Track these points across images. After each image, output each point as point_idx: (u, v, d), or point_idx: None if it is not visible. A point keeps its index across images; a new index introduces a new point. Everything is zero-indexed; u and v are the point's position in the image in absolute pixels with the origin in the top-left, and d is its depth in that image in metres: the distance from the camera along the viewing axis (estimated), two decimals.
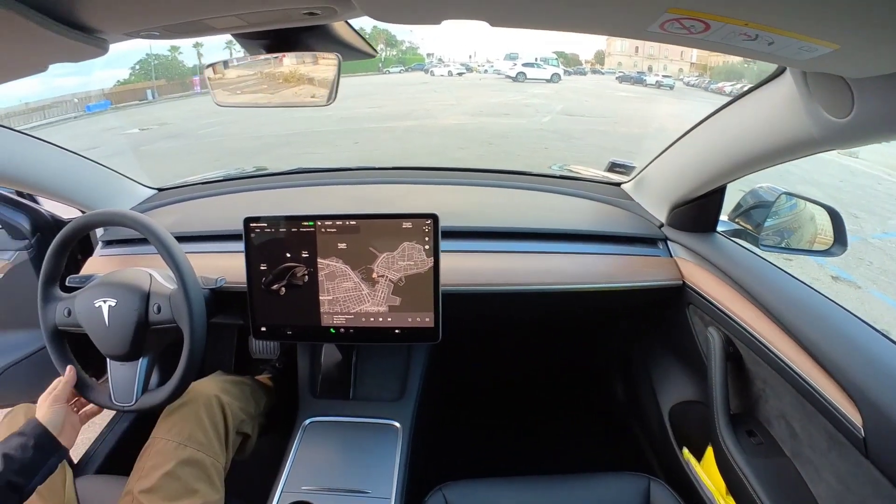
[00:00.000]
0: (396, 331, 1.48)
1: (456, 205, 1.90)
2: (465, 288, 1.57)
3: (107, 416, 2.02)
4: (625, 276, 1.65)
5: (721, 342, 1.47)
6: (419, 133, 13.41)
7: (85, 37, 0.70)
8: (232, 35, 0.93)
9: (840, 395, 1.08)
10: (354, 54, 1.07)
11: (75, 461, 1.60)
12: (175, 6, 0.68)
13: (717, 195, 1.60)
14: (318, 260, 1.46)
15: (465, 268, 1.60)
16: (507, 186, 2.09)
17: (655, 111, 19.93)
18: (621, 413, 2.27)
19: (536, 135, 13.39)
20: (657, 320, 1.92)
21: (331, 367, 1.77)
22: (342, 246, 1.44)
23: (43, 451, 1.20)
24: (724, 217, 1.70)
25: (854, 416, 1.04)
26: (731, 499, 1.34)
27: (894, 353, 1.11)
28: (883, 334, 1.17)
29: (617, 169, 2.12)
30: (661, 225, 1.80)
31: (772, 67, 1.07)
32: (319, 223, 1.44)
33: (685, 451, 1.62)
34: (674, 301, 1.71)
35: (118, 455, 1.86)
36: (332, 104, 1.05)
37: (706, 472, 1.48)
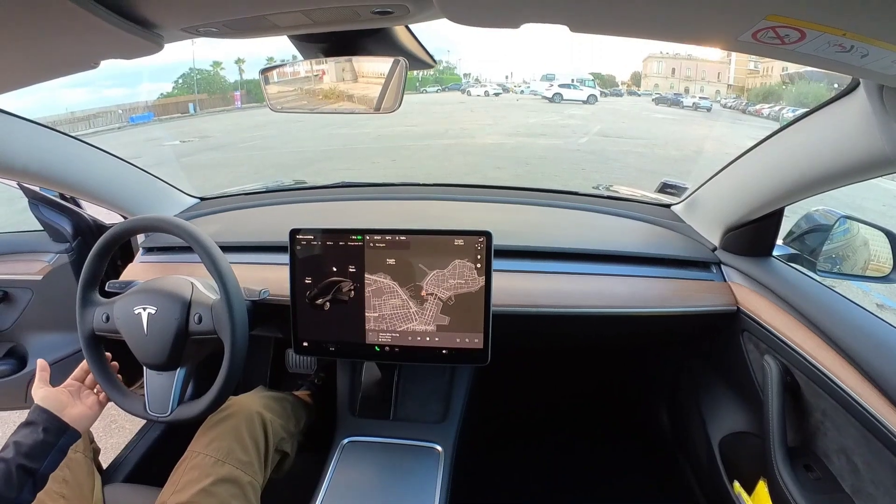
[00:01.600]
0: (444, 351, 1.43)
1: (504, 223, 1.84)
2: (516, 309, 1.51)
3: (137, 423, 2.04)
4: (677, 301, 1.59)
5: (779, 371, 1.39)
6: (456, 152, 13.48)
7: (142, 31, 0.68)
8: (290, 38, 0.90)
9: None
10: (414, 63, 1.04)
11: (104, 467, 1.57)
12: (235, 1, 0.65)
13: (774, 218, 1.54)
14: (366, 275, 1.42)
15: (515, 288, 1.55)
16: (554, 206, 2.05)
17: (693, 133, 19.83)
18: (667, 442, 2.18)
19: (573, 156, 13.40)
20: (709, 347, 1.85)
21: (371, 386, 1.73)
22: (391, 262, 1.40)
23: (49, 433, 1.19)
24: (779, 241, 1.64)
25: None
26: None
27: None
28: None
29: (668, 190, 2.06)
30: (715, 248, 1.73)
31: (824, 87, 1.02)
32: (368, 237, 1.41)
33: (736, 484, 1.54)
34: (727, 327, 1.64)
35: (148, 465, 1.84)
36: (396, 109, 1.02)
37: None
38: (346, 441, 1.56)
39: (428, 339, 1.42)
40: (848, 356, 1.21)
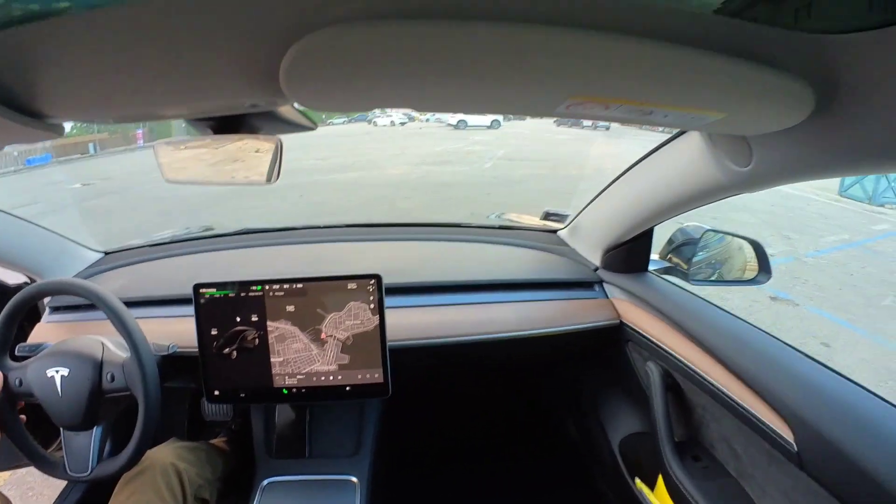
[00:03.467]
0: (347, 388, 1.51)
1: (399, 261, 1.95)
2: (411, 342, 1.61)
3: (55, 487, 1.99)
4: (563, 321, 1.74)
5: (660, 375, 1.57)
6: (365, 184, 13.50)
7: (41, 124, 0.73)
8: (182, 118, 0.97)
9: (772, 415, 1.19)
10: (296, 129, 1.13)
11: None
12: (126, 102, 0.73)
13: (645, 238, 1.73)
14: (268, 323, 1.49)
15: (410, 323, 1.65)
16: (448, 240, 2.17)
17: (593, 152, 20.47)
18: (576, 450, 2.32)
19: (480, 181, 13.64)
20: (600, 359, 2.01)
21: (285, 427, 1.78)
22: (290, 308, 1.48)
23: None
24: (656, 256, 1.81)
25: (787, 433, 1.14)
26: None
27: (817, 371, 1.23)
28: (805, 354, 1.29)
29: (552, 217, 2.22)
30: (597, 268, 1.91)
31: None
32: (268, 287, 1.48)
33: (637, 481, 1.69)
34: (613, 340, 1.81)
35: None
36: (273, 183, 1.10)
37: (659, 499, 1.55)
38: (265, 482, 1.61)
39: (331, 378, 1.50)
40: (715, 355, 1.38)
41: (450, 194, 11.96)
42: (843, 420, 1.08)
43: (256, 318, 1.49)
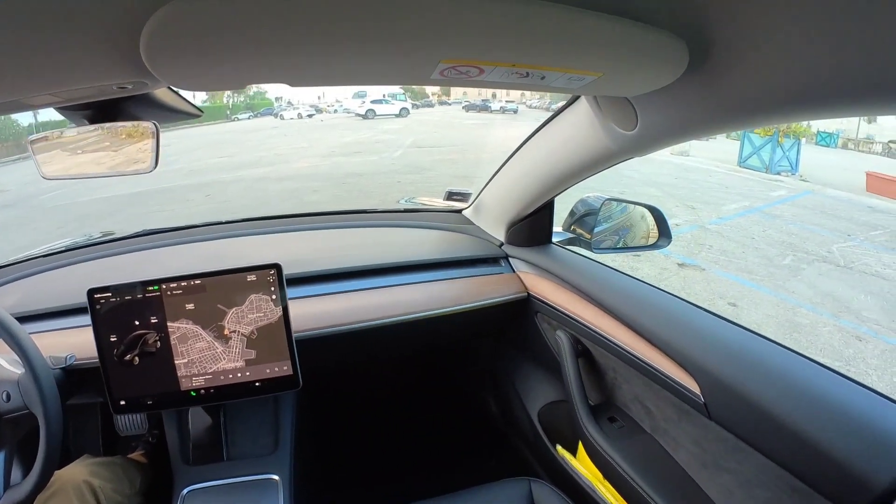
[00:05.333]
0: (257, 384, 1.46)
1: (303, 251, 1.92)
2: (318, 331, 1.58)
3: None
4: (471, 297, 1.75)
5: (569, 342, 1.62)
6: (272, 179, 13.25)
7: None
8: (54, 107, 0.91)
9: (678, 371, 1.25)
10: (179, 116, 1.08)
11: None
12: None
13: (546, 210, 1.77)
14: (168, 324, 1.42)
15: (315, 312, 1.62)
16: (354, 226, 2.14)
17: (501, 135, 20.79)
18: (498, 424, 2.35)
19: (389, 169, 13.68)
20: (513, 333, 2.05)
21: (200, 432, 1.71)
22: (190, 306, 1.42)
23: None
24: (559, 228, 1.86)
25: (693, 386, 1.21)
26: (608, 483, 1.46)
27: (716, 324, 1.31)
28: (704, 309, 1.37)
29: (455, 197, 2.22)
30: (502, 244, 1.94)
31: None
32: (165, 286, 1.41)
33: (559, 448, 1.73)
34: (522, 312, 1.85)
35: None
36: (157, 168, 1.05)
37: (581, 464, 1.60)
38: (185, 491, 1.55)
39: (239, 374, 1.45)
40: (620, 318, 1.44)
41: (360, 184, 11.94)
42: (743, 367, 1.15)
43: (156, 320, 1.41)
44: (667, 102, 0.92)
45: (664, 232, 1.71)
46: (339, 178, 12.75)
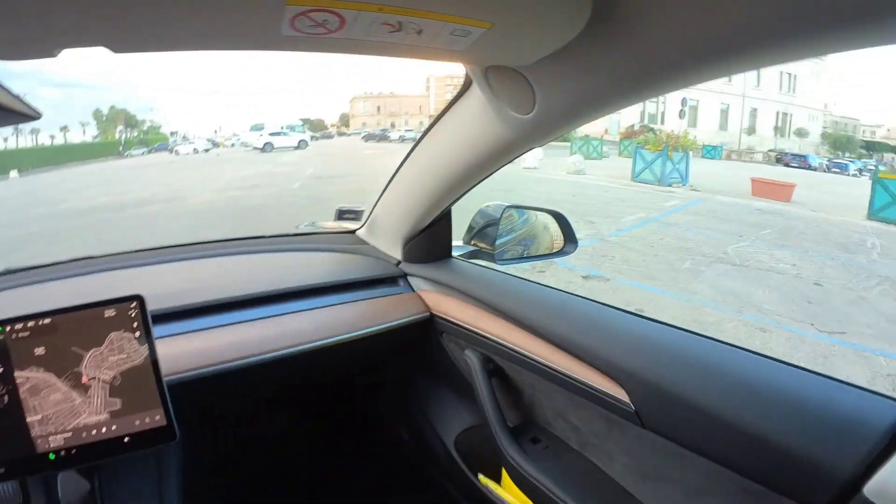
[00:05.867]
0: (126, 439, 1.22)
1: (180, 282, 1.70)
2: (197, 372, 1.36)
3: None
4: (368, 322, 1.59)
5: (480, 362, 1.49)
6: (166, 216, 12.72)
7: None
8: None
9: (603, 379, 1.15)
10: (14, 117, 0.91)
11: None
12: None
13: (444, 222, 1.65)
14: (16, 373, 1.18)
15: (193, 349, 1.40)
16: (239, 253, 1.94)
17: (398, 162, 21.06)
18: (414, 457, 2.17)
19: (289, 202, 13.48)
20: (419, 357, 1.89)
21: (73, 500, 1.49)
22: (40, 351, 1.18)
23: None
24: (460, 242, 1.74)
25: (620, 394, 1.11)
26: None
27: (636, 324, 1.22)
28: (620, 309, 1.28)
29: (347, 216, 2.07)
30: (399, 262, 1.79)
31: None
32: (9, 328, 1.18)
33: (481, 477, 1.57)
34: (427, 334, 1.70)
35: None
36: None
37: (508, 491, 1.45)
38: None
39: (104, 429, 1.22)
40: (533, 330, 1.32)
41: (259, 218, 11.70)
42: (673, 367, 1.07)
43: (1, 370, 1.18)
44: (566, 74, 0.85)
45: (570, 237, 1.66)
46: (238, 212, 12.46)
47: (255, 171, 21.46)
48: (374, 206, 1.84)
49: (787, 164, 35.34)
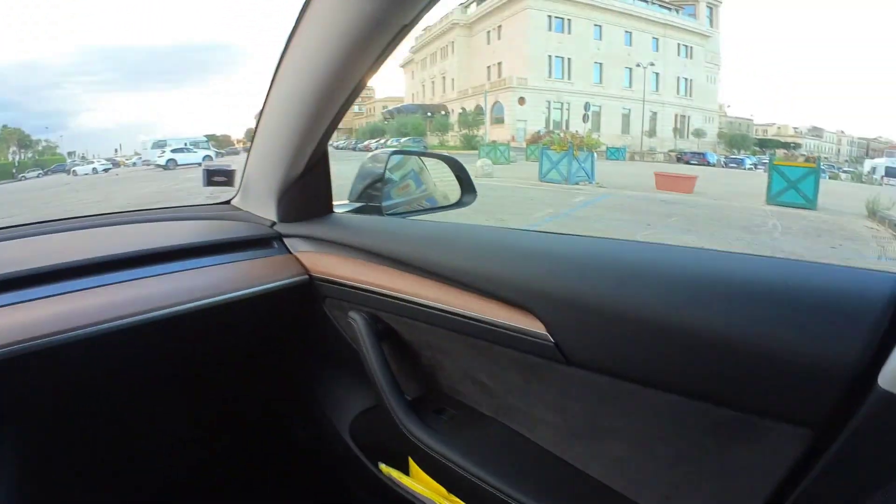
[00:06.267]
0: None
1: (26, 252, 1.37)
2: (20, 347, 1.06)
3: None
4: (232, 285, 1.34)
5: (365, 323, 1.27)
6: None
7: None
8: None
9: (509, 311, 0.97)
10: None
11: None
12: None
13: (320, 170, 1.44)
14: None
15: (13, 323, 1.10)
16: (94, 226, 1.60)
17: None
18: (308, 449, 1.91)
19: None
20: (302, 331, 1.64)
21: None
22: None
23: None
24: (345, 201, 1.57)
25: (534, 325, 0.92)
26: (456, 498, 1.11)
27: (542, 240, 1.06)
28: (523, 230, 1.14)
29: (217, 179, 1.81)
30: (274, 223, 1.56)
31: None
32: None
33: (382, 466, 1.36)
34: (307, 301, 1.47)
35: None
36: None
37: (416, 479, 1.24)
38: None
39: None
40: (422, 270, 1.13)
41: None
42: (592, 277, 0.88)
43: None
44: None
45: (468, 187, 1.53)
46: None
47: (158, 187, 20.81)
48: (245, 168, 1.62)
49: (687, 162, 37.30)
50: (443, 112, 56.08)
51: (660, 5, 56.73)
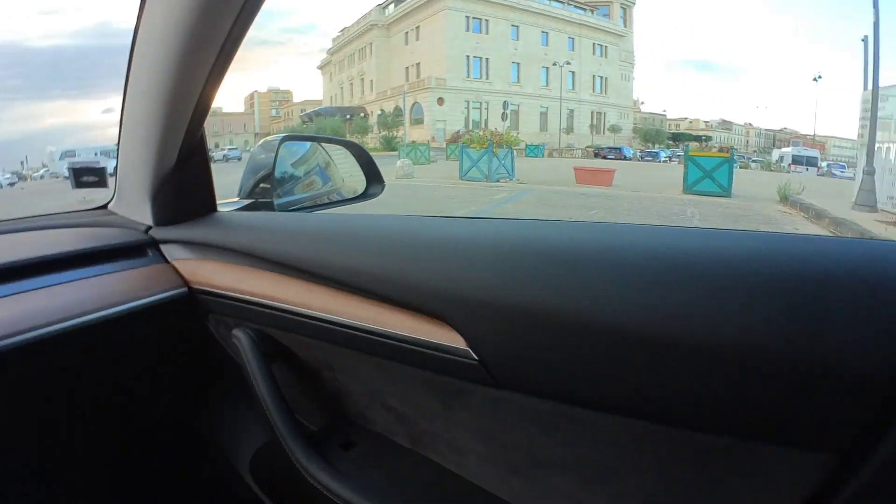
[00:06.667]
0: None
1: None
2: None
3: None
4: (94, 304, 1.06)
5: (251, 341, 1.06)
6: None
7: None
8: None
9: (421, 323, 0.79)
10: None
11: None
12: None
13: (199, 162, 1.21)
14: None
15: None
16: None
17: (227, 180, 20.56)
18: (208, 492, 1.62)
19: None
20: (184, 355, 1.36)
21: None
22: None
23: None
24: (235, 198, 1.38)
25: (453, 339, 0.75)
26: None
27: (456, 227, 0.88)
28: (433, 216, 0.96)
29: (85, 179, 1.56)
30: (149, 228, 1.30)
31: None
32: None
33: None
34: (187, 317, 1.23)
35: None
36: None
37: None
38: None
39: None
40: (313, 275, 0.94)
41: None
42: (529, 273, 0.70)
43: None
44: None
45: (374, 177, 1.38)
46: None
47: (65, 202, 19.79)
48: (117, 167, 1.34)
49: (604, 157, 38.40)
50: (362, 114, 56.11)
51: (575, 6, 58.21)
